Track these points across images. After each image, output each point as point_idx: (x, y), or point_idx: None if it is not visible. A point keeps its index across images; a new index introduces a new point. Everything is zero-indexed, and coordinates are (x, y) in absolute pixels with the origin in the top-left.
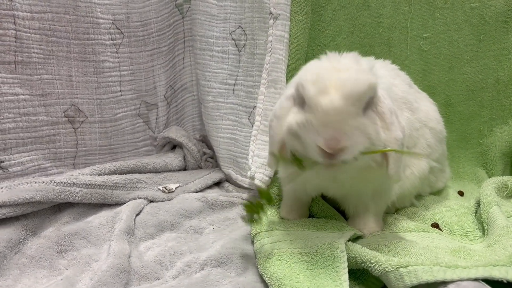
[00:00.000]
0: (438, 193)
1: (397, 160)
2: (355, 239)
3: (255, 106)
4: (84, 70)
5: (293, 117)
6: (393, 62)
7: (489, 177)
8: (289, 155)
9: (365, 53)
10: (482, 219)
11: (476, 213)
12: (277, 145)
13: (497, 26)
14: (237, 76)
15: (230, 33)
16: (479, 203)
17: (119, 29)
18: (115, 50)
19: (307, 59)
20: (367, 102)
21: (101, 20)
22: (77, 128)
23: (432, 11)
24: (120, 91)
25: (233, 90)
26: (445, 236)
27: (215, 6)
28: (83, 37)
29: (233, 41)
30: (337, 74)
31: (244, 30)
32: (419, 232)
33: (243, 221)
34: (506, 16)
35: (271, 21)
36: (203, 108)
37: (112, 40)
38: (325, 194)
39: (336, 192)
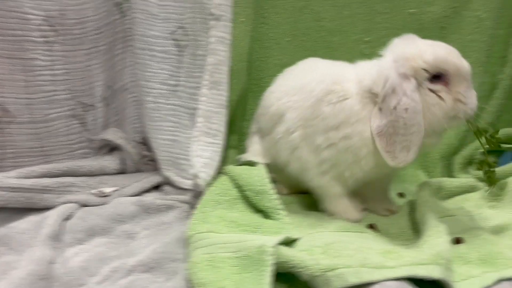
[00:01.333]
0: None
1: None
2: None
3: (197, 107)
4: (10, 68)
5: (449, 100)
6: None
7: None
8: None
9: (308, 56)
10: (417, 220)
11: (412, 214)
12: (422, 136)
13: (435, 32)
14: (178, 77)
15: (171, 33)
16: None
17: (52, 26)
18: (48, 48)
19: (250, 61)
20: None
21: (31, 16)
22: (5, 129)
23: (373, 16)
24: (54, 90)
25: (175, 91)
26: (380, 236)
27: (155, 5)
28: (8, 33)
29: (175, 41)
30: (446, 45)
31: (185, 31)
32: (355, 232)
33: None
34: (443, 22)
35: (213, 22)
36: (143, 109)
37: (44, 37)
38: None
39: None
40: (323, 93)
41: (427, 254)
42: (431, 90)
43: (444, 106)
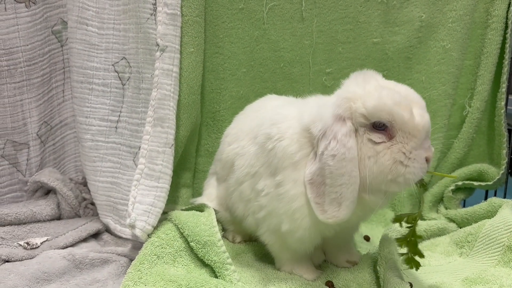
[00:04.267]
0: None
1: None
2: None
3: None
4: None
5: (387, 157)
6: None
7: None
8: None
9: (266, 88)
10: (379, 275)
11: (375, 266)
12: (358, 190)
13: (400, 62)
14: (120, 112)
15: (112, 65)
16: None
17: None
18: None
19: (205, 93)
20: None
21: None
22: None
23: (334, 46)
24: None
25: (116, 128)
26: None
27: (95, 35)
28: None
29: (116, 73)
30: (400, 91)
31: (128, 62)
32: None
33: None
34: (409, 52)
35: (158, 53)
36: (81, 148)
37: None
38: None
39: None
40: (263, 138)
41: None
42: (370, 140)
43: (381, 163)
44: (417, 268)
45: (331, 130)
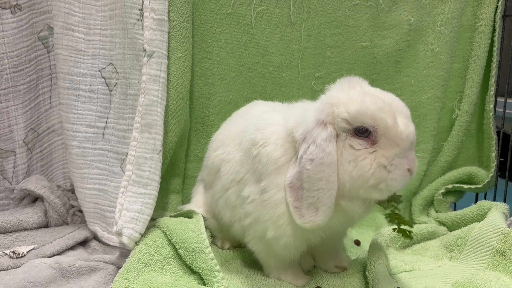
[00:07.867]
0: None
1: None
2: None
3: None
4: None
5: (368, 161)
6: (285, 103)
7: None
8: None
9: (255, 93)
10: (368, 280)
11: (364, 271)
12: (335, 195)
13: (389, 66)
14: (107, 118)
15: (99, 70)
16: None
17: None
18: None
19: (193, 98)
20: None
21: None
22: None
23: (323, 50)
24: None
25: (103, 134)
26: None
27: (82, 40)
28: None
29: (103, 79)
30: (384, 98)
31: (115, 68)
32: None
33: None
34: (397, 56)
35: (145, 58)
36: (68, 154)
37: None
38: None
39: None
40: (248, 144)
41: None
42: (352, 146)
43: (362, 168)
44: (409, 237)
45: (311, 134)
